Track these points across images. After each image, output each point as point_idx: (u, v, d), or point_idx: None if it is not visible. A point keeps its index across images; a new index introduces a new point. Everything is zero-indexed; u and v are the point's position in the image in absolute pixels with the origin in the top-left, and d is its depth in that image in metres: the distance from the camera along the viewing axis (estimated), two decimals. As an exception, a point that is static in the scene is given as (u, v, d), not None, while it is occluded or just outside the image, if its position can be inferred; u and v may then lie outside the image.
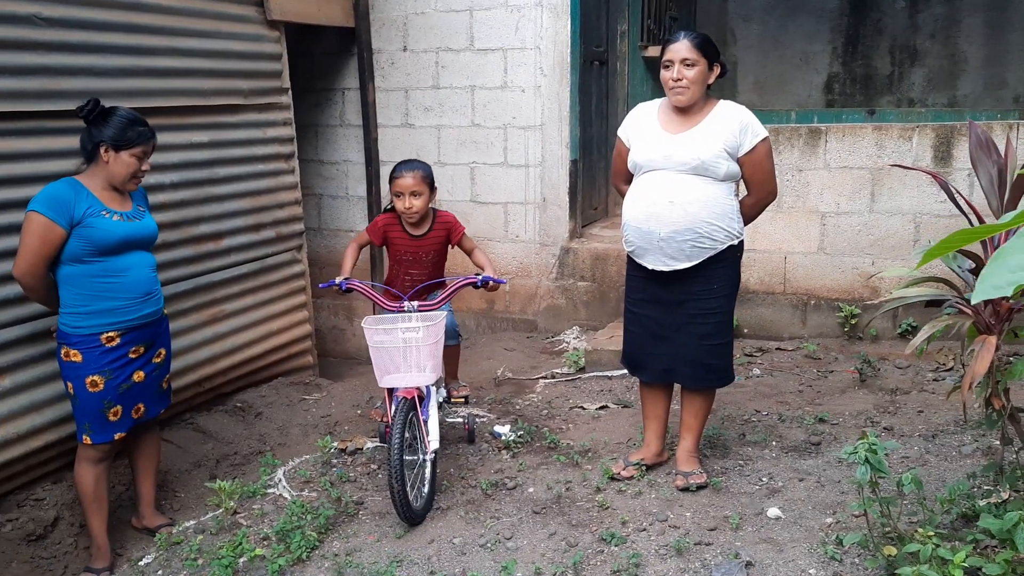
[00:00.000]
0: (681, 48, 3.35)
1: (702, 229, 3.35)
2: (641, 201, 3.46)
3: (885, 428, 4.12)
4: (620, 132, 3.65)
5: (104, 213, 3.27)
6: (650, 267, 3.50)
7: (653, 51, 7.31)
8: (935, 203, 5.22)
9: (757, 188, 3.50)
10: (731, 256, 3.50)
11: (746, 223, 3.57)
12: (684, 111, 3.43)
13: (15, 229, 3.52)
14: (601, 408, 4.73)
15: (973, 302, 1.30)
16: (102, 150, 3.28)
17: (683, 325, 3.55)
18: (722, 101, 3.47)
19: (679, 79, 3.35)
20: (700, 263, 3.42)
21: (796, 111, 9.02)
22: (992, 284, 1.19)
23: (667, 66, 3.40)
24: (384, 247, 4.22)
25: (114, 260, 3.31)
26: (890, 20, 9.13)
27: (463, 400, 4.29)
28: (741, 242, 3.53)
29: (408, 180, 3.94)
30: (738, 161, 3.41)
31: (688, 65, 3.34)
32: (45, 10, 3.68)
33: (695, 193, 3.35)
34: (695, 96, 3.38)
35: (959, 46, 8.91)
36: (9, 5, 3.54)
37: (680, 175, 3.37)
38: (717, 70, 3.41)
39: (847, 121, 7.98)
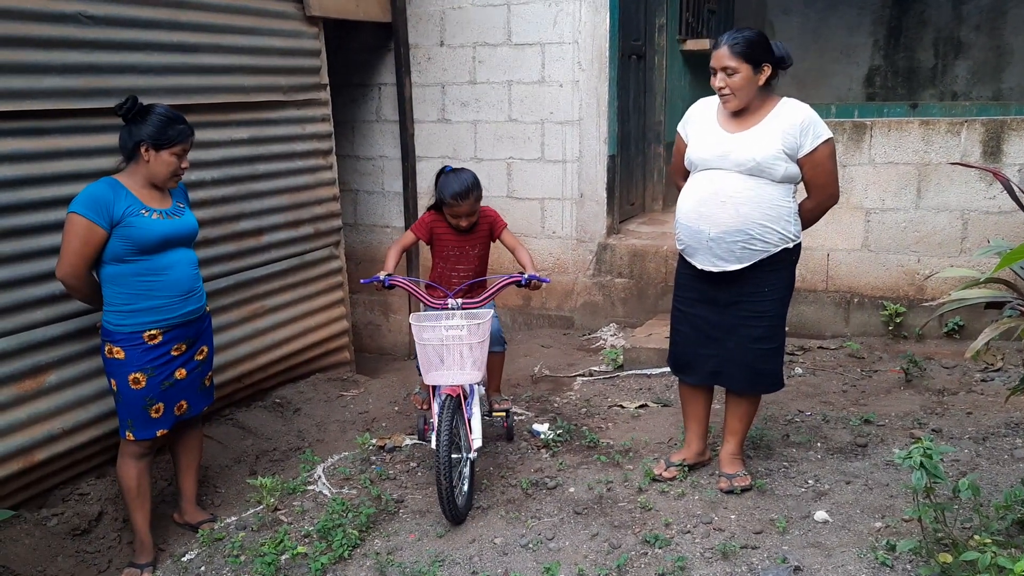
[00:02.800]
0: (721, 55, 3.25)
1: (754, 231, 3.28)
2: (693, 199, 3.40)
3: (933, 430, 4.04)
4: (680, 128, 3.59)
5: (144, 212, 3.27)
6: (700, 267, 3.44)
7: (691, 45, 7.24)
8: (983, 199, 5.11)
9: (818, 191, 3.39)
10: (785, 259, 3.40)
11: (805, 227, 3.47)
12: (742, 110, 3.35)
13: (61, 226, 3.56)
14: (641, 407, 4.69)
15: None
16: (142, 149, 3.27)
17: (734, 327, 3.47)
18: (785, 99, 3.35)
19: (722, 87, 3.28)
20: (753, 265, 3.34)
21: (836, 105, 8.88)
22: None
23: (713, 72, 3.32)
24: (429, 246, 4.19)
25: (155, 259, 3.31)
26: (934, 12, 8.97)
27: (504, 413, 4.25)
28: (797, 245, 3.43)
29: (465, 208, 3.91)
30: (798, 162, 3.30)
31: (730, 73, 3.24)
32: (90, 8, 3.70)
33: (748, 194, 3.27)
34: (744, 101, 3.29)
35: (1005, 38, 8.73)
36: (55, 4, 3.57)
37: (735, 175, 3.29)
38: (767, 71, 3.26)
39: (889, 115, 7.84)
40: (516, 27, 6.05)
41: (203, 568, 3.38)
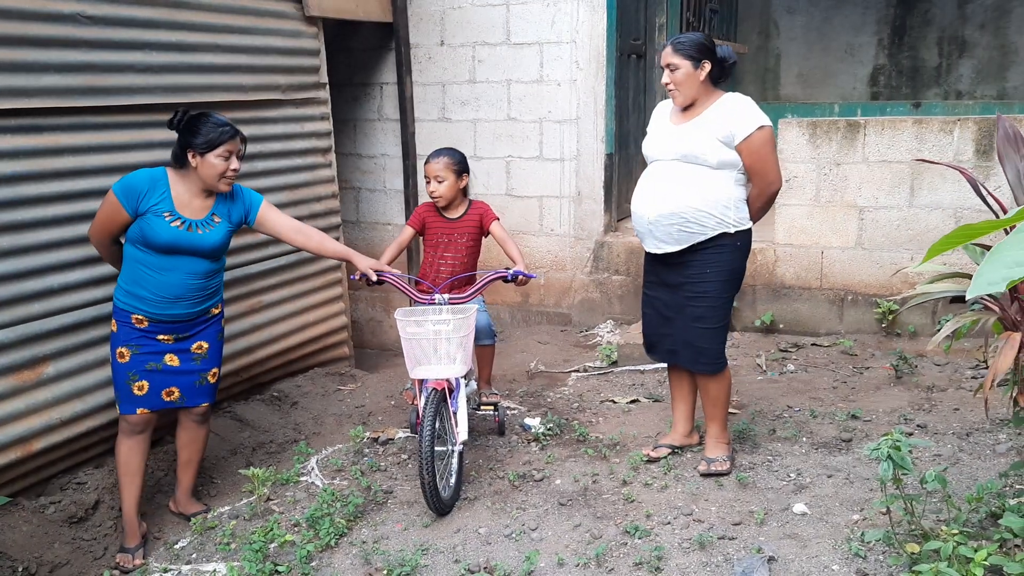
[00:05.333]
0: (665, 54, 3.53)
1: (688, 215, 3.48)
2: (639, 188, 3.68)
3: (919, 425, 4.07)
4: (648, 128, 3.82)
5: (166, 215, 3.38)
6: (648, 249, 3.70)
7: (692, 44, 7.25)
8: (976, 198, 5.08)
9: (757, 177, 3.56)
10: (727, 243, 3.56)
11: (758, 215, 3.67)
12: (689, 106, 3.57)
13: (59, 222, 3.68)
14: (632, 402, 4.74)
15: (968, 298, 1.30)
16: (189, 155, 3.40)
17: (681, 307, 3.68)
18: (727, 94, 3.57)
19: (667, 83, 3.54)
20: (696, 248, 3.54)
21: (839, 104, 8.91)
22: (988, 280, 1.19)
23: (661, 70, 3.59)
24: (421, 237, 4.29)
25: (160, 257, 3.41)
26: (938, 11, 8.95)
27: (492, 407, 4.32)
28: (741, 232, 3.58)
29: (433, 166, 4.11)
30: (737, 150, 3.49)
31: (672, 70, 3.50)
32: (89, 8, 3.79)
33: (684, 180, 3.49)
34: (688, 96, 3.53)
35: (1009, 37, 8.70)
36: (55, 4, 3.65)
37: (674, 164, 3.54)
38: (707, 67, 3.48)
39: (892, 114, 7.87)
40: (515, 27, 6.11)
41: (194, 555, 3.46)
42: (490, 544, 3.30)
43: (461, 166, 4.12)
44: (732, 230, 3.54)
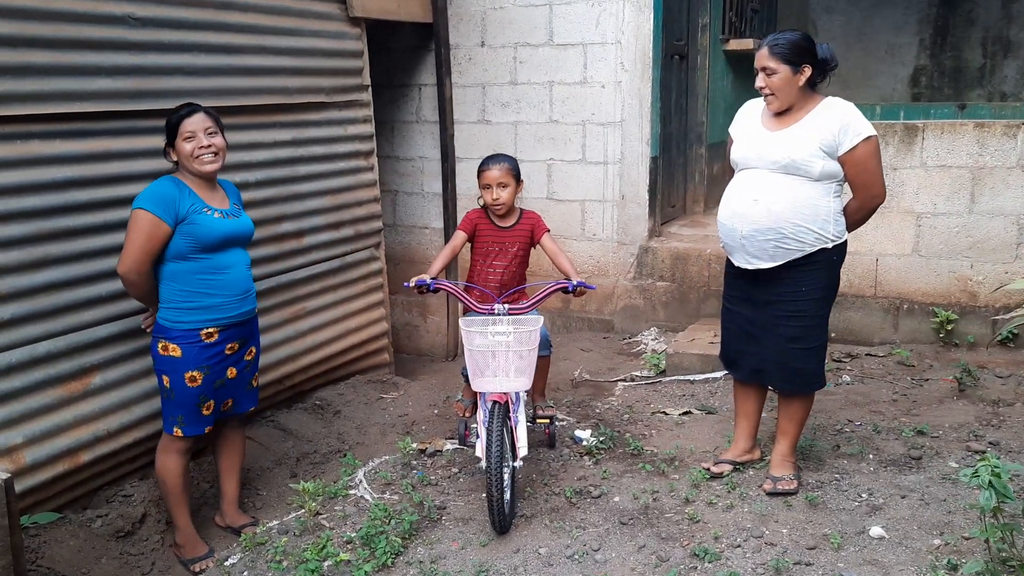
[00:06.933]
0: (761, 56, 3.32)
1: (786, 230, 3.28)
2: (728, 198, 3.46)
3: (990, 443, 3.92)
4: (730, 128, 3.61)
5: (207, 210, 3.33)
6: (736, 264, 3.49)
7: (735, 44, 7.14)
8: (1041, 204, 4.96)
9: (860, 190, 3.37)
10: (824, 259, 3.38)
11: (853, 228, 3.47)
12: (785, 110, 3.35)
13: (109, 228, 3.59)
14: (684, 414, 4.60)
15: None
16: (170, 152, 3.38)
17: (771, 326, 3.48)
18: (828, 98, 3.35)
19: (763, 87, 3.34)
20: (790, 264, 3.35)
21: (881, 105, 8.73)
22: None
23: (756, 72, 3.37)
24: (470, 243, 4.17)
25: (216, 257, 3.36)
26: (982, 11, 8.78)
27: (548, 420, 4.20)
28: (839, 246, 3.40)
29: (495, 172, 3.96)
30: (840, 161, 3.28)
31: (769, 73, 3.29)
32: (139, 11, 3.70)
33: (782, 193, 3.28)
34: (785, 102, 3.33)
35: (1057, 37, 8.52)
36: (104, 6, 3.58)
37: (771, 174, 3.32)
38: (807, 71, 3.28)
39: (936, 116, 7.68)
40: (558, 27, 5.99)
41: (246, 572, 3.35)
42: (552, 566, 3.18)
43: (517, 171, 4.02)
44: (830, 245, 3.35)
